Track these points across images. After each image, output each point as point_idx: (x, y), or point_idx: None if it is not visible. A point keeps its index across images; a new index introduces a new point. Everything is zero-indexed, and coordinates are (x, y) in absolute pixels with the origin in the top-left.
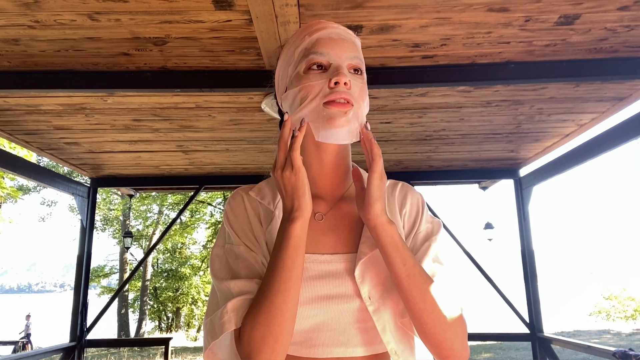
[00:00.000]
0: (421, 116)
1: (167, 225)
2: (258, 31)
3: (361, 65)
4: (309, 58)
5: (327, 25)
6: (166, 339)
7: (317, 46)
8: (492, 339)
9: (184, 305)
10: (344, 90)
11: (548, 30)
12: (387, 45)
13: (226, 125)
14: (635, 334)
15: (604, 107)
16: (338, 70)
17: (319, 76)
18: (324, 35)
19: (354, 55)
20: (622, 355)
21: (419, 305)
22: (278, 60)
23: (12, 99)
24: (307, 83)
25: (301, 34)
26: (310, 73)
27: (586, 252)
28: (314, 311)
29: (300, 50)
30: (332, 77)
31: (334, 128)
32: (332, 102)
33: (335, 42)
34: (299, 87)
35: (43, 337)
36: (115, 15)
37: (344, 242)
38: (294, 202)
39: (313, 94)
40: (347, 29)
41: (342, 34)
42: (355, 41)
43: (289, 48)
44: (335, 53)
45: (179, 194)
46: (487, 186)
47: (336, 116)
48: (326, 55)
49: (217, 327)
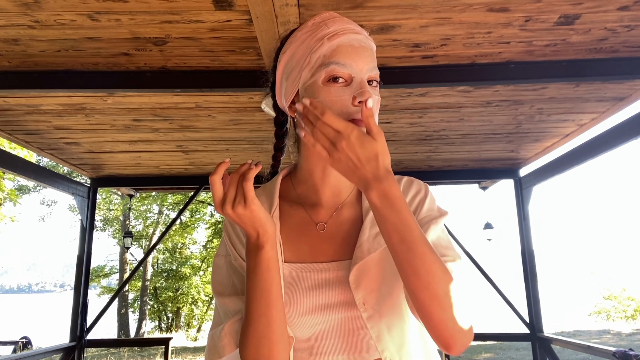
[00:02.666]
0: (421, 116)
1: (167, 225)
2: (258, 31)
3: (378, 77)
4: (329, 68)
5: (347, 29)
6: (166, 339)
7: (338, 55)
8: (492, 339)
9: (184, 305)
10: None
11: (548, 30)
12: (387, 45)
13: (226, 125)
14: (635, 334)
15: (604, 107)
16: (362, 86)
17: (341, 91)
18: (345, 42)
19: (374, 66)
20: (622, 355)
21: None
22: (282, 54)
23: (12, 99)
24: (328, 97)
25: (316, 34)
26: (330, 86)
27: (586, 252)
28: (315, 320)
29: (319, 56)
30: (356, 94)
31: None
32: (357, 121)
33: (357, 51)
34: (320, 100)
35: (43, 337)
36: (115, 15)
37: (343, 249)
38: (257, 230)
39: (336, 111)
40: (364, 30)
41: (363, 41)
42: (373, 47)
43: (302, 47)
44: (357, 65)
45: (179, 194)
46: (487, 186)
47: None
48: (348, 68)
49: (219, 348)
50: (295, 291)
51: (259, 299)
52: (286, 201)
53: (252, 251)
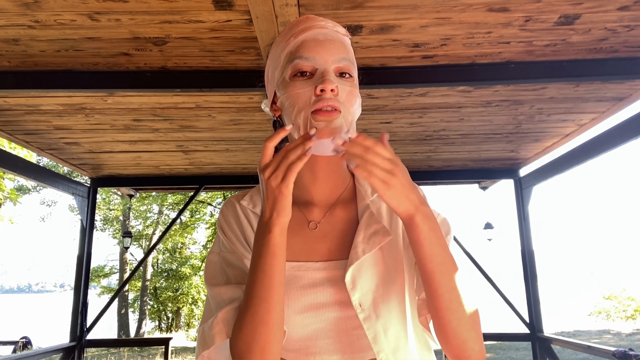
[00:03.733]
0: (421, 116)
1: (167, 225)
2: (258, 31)
3: (350, 68)
4: (293, 63)
5: (312, 25)
6: (166, 339)
7: (301, 50)
8: (492, 339)
9: (184, 305)
10: (330, 97)
11: (548, 30)
12: (387, 45)
13: (226, 125)
14: (635, 334)
15: (604, 107)
16: (324, 75)
17: (305, 83)
18: (309, 36)
19: (342, 57)
20: (622, 355)
21: (445, 304)
22: (267, 59)
23: (12, 99)
24: (293, 91)
25: (287, 35)
26: (296, 80)
27: (586, 252)
28: (309, 319)
29: (286, 53)
30: (317, 84)
31: (320, 139)
32: (319, 112)
33: (322, 44)
34: (286, 95)
35: (43, 337)
36: (115, 15)
37: (338, 248)
38: (273, 211)
39: (301, 104)
40: (337, 24)
41: (328, 35)
42: (344, 40)
43: (276, 49)
44: (321, 57)
45: (179, 194)
46: (487, 186)
47: (325, 127)
48: (311, 60)
49: (208, 337)
50: (290, 290)
51: (261, 282)
52: None
53: (261, 232)
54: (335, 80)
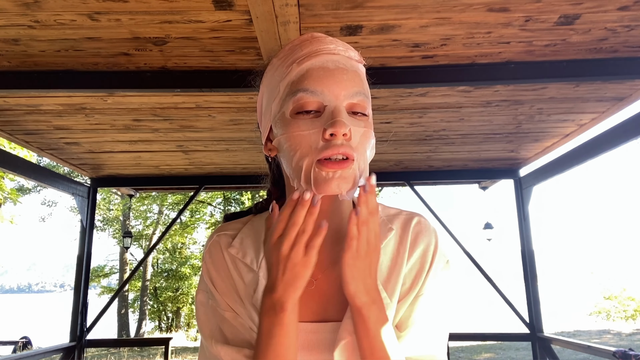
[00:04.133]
0: (421, 116)
1: (167, 225)
2: (258, 31)
3: (365, 104)
4: (296, 97)
5: (320, 49)
6: (166, 339)
7: (307, 81)
8: (492, 339)
9: (184, 305)
10: (342, 142)
11: (548, 30)
12: (387, 45)
13: (226, 125)
14: (635, 334)
15: (604, 107)
16: (334, 116)
17: (310, 123)
18: (317, 64)
19: (356, 91)
20: (622, 355)
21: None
22: (261, 86)
23: (12, 99)
24: (295, 132)
25: (287, 59)
26: (299, 119)
27: (586, 252)
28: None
29: (287, 83)
30: (326, 126)
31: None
32: (328, 162)
33: (332, 74)
34: (286, 136)
35: (43, 337)
36: (115, 15)
37: (335, 308)
38: (288, 287)
39: (304, 149)
40: (349, 48)
41: (340, 62)
42: (359, 69)
43: (273, 74)
44: (331, 91)
45: (179, 194)
46: (487, 186)
47: (331, 180)
48: (319, 95)
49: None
50: None
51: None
52: None
53: (270, 309)
54: (348, 122)
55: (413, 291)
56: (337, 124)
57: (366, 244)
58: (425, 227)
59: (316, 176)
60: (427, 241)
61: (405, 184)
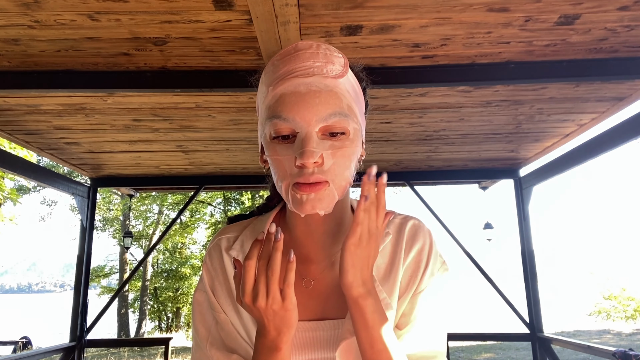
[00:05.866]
0: (421, 116)
1: (167, 225)
2: (258, 31)
3: (343, 123)
4: (272, 123)
5: (294, 70)
6: (166, 339)
7: (280, 107)
8: (492, 339)
9: (184, 305)
10: (312, 172)
11: (548, 30)
12: (387, 45)
13: (226, 125)
14: (635, 334)
15: (604, 107)
16: (303, 145)
17: (285, 149)
18: (290, 89)
19: (330, 113)
20: (622, 355)
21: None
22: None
23: (12, 99)
24: (273, 156)
25: (268, 77)
26: (276, 143)
27: (586, 252)
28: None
29: (265, 107)
30: (297, 154)
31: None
32: (302, 185)
33: (303, 99)
34: (269, 158)
35: (43, 337)
36: (115, 15)
37: (333, 306)
38: (281, 329)
39: (281, 172)
40: (330, 55)
41: (313, 85)
42: (337, 86)
43: (261, 88)
44: (302, 117)
45: (179, 194)
46: (487, 186)
47: (306, 202)
48: (290, 122)
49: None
50: None
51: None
52: None
53: (264, 348)
54: (319, 148)
55: (410, 290)
56: (305, 154)
57: (367, 232)
58: (420, 228)
59: (293, 198)
60: (422, 242)
61: (405, 184)
